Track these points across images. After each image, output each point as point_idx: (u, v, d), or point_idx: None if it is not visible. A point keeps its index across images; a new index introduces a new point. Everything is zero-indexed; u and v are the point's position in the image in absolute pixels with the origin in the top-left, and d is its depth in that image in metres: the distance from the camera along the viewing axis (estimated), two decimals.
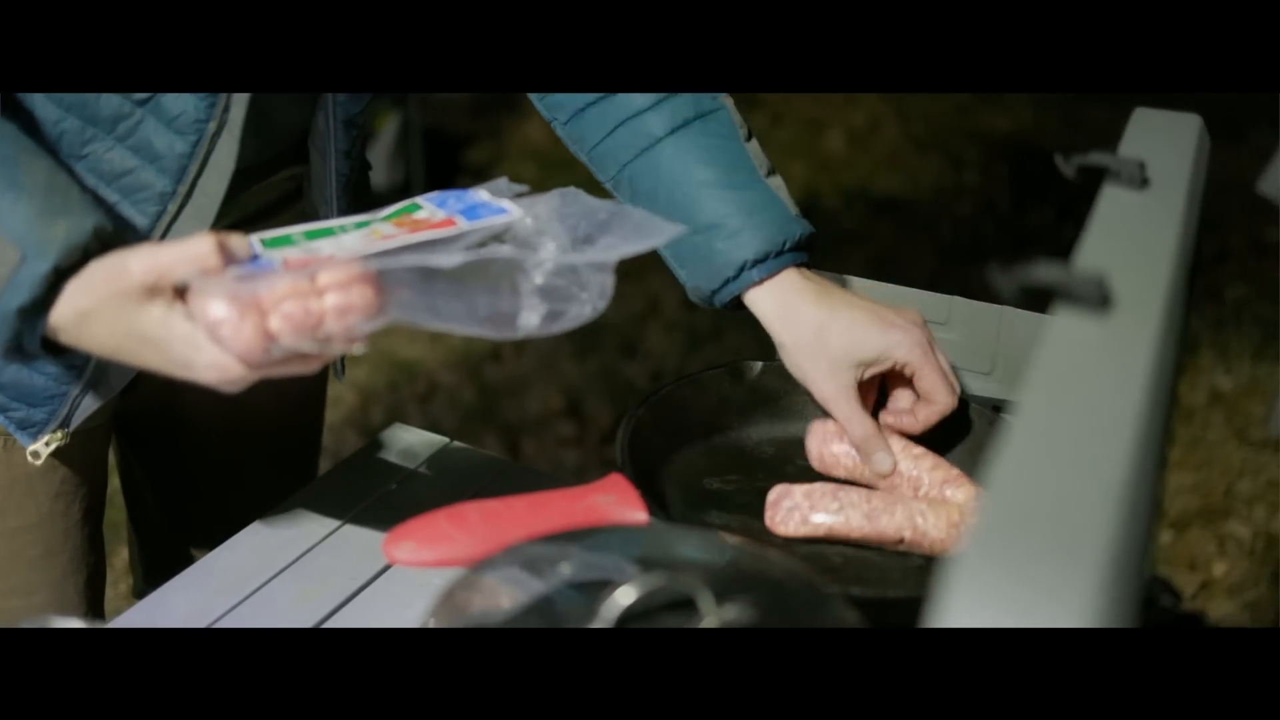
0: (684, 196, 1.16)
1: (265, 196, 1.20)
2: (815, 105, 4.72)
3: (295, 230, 0.96)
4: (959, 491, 1.10)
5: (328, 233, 0.96)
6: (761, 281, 1.16)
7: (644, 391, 3.07)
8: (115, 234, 0.92)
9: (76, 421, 1.15)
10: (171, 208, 1.05)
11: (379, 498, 1.34)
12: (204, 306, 0.86)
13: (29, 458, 1.14)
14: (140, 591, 1.50)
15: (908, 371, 1.14)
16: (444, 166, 4.02)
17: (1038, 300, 0.72)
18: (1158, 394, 0.61)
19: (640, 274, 3.52)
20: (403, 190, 3.72)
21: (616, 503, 1.00)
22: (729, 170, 1.16)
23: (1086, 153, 0.86)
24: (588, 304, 0.90)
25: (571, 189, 0.98)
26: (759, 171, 1.18)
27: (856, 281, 1.30)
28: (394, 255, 0.89)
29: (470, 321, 0.88)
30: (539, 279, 0.90)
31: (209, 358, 0.88)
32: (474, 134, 4.36)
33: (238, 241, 0.91)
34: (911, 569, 1.07)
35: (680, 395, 1.19)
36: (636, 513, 1.00)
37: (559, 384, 3.12)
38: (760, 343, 1.24)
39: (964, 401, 1.20)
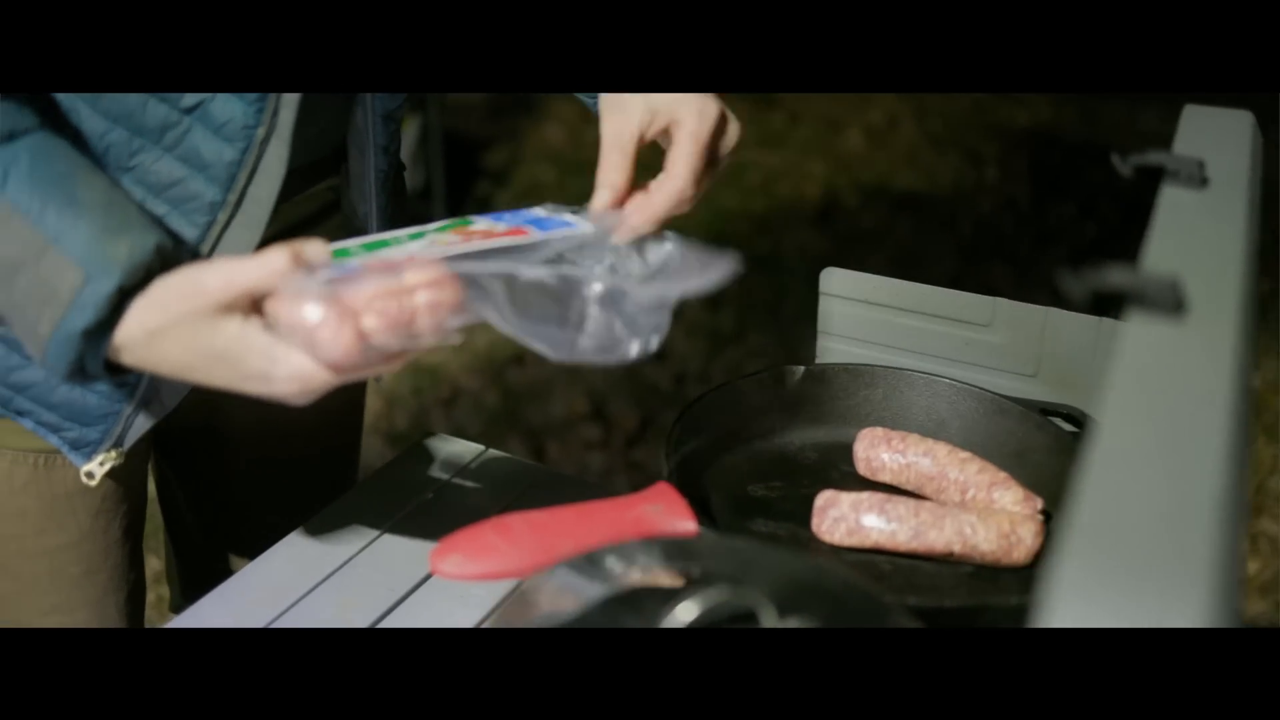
0: None
1: (305, 208, 1.19)
2: (832, 104, 4.70)
3: (352, 243, 0.96)
4: (1006, 494, 1.09)
5: (385, 244, 0.96)
6: None
7: (668, 394, 3.05)
8: (175, 250, 0.91)
9: (130, 440, 1.14)
10: (221, 217, 1.04)
11: (416, 507, 1.33)
12: (299, 311, 0.84)
13: (83, 478, 1.13)
14: (177, 605, 1.49)
15: (675, 135, 1.05)
16: (463, 170, 4.01)
17: (1102, 303, 0.70)
18: (1242, 393, 0.59)
19: None
20: (424, 194, 3.69)
21: (665, 512, 0.99)
22: None
23: (1144, 152, 0.84)
24: (641, 340, 0.90)
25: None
26: None
27: (886, 282, 1.29)
28: (474, 259, 0.89)
29: (534, 335, 0.88)
30: (601, 308, 0.89)
31: (288, 369, 0.87)
32: (492, 137, 4.35)
33: (315, 250, 0.89)
34: (963, 576, 1.05)
35: (722, 401, 1.18)
36: (685, 522, 0.98)
37: (582, 387, 3.11)
38: (785, 344, 1.22)
39: (1009, 403, 1.18)
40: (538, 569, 0.86)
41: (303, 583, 1.20)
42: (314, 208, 1.21)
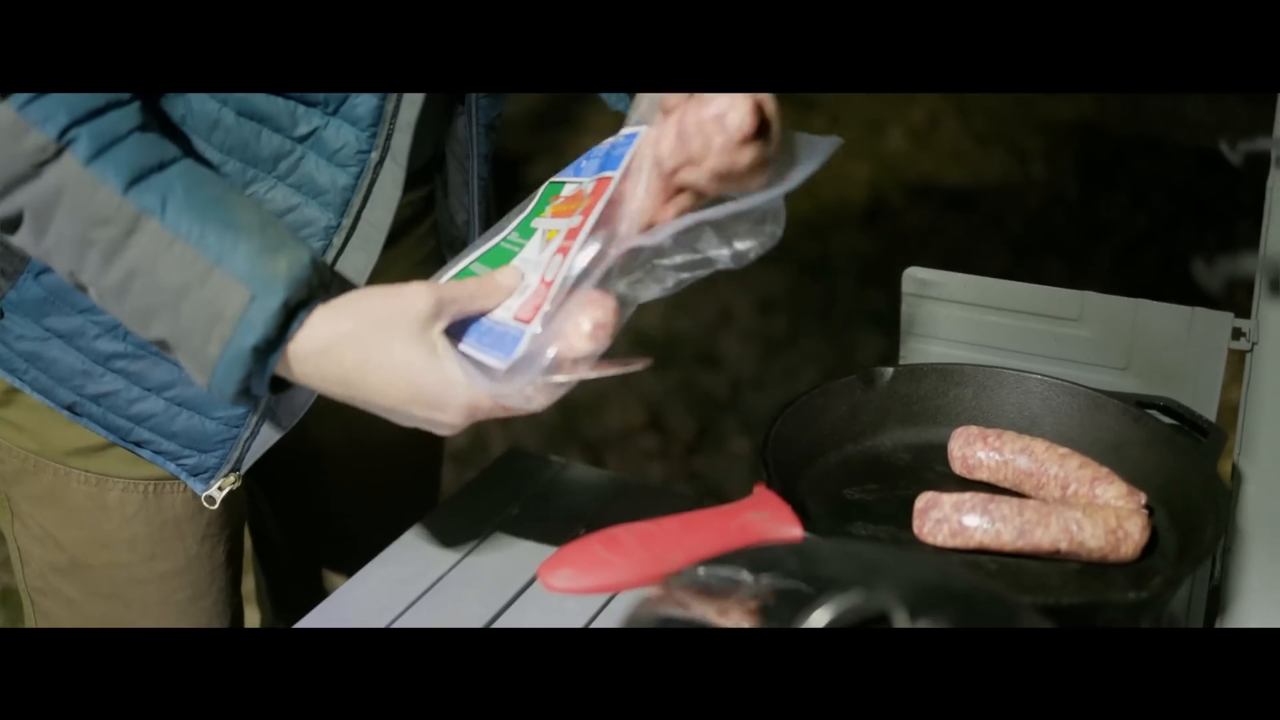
0: None
1: (396, 216, 1.20)
2: (873, 105, 4.68)
3: (467, 261, 1.00)
4: (1109, 489, 1.07)
5: (503, 255, 0.99)
6: None
7: (724, 402, 3.04)
8: (326, 265, 0.94)
9: (247, 464, 1.15)
10: (337, 241, 1.05)
11: (503, 523, 1.33)
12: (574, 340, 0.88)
13: (204, 502, 1.15)
14: (270, 626, 1.50)
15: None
16: (504, 184, 4.00)
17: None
18: None
19: (710, 283, 3.50)
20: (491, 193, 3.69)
21: (770, 519, 0.98)
22: None
23: (1253, 139, 0.83)
24: (771, 234, 0.93)
25: None
26: None
27: (970, 279, 1.28)
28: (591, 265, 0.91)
29: (690, 271, 0.93)
30: (727, 223, 0.92)
31: (463, 399, 0.90)
32: (532, 152, 4.35)
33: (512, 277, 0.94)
34: (1070, 573, 1.04)
35: (812, 406, 1.17)
36: (791, 528, 0.98)
37: (638, 397, 3.10)
38: (838, 347, 1.22)
39: (1103, 398, 1.17)
40: (648, 581, 0.85)
41: (399, 600, 1.20)
42: (401, 219, 1.22)
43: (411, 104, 1.01)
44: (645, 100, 1.01)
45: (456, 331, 0.94)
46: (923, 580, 0.78)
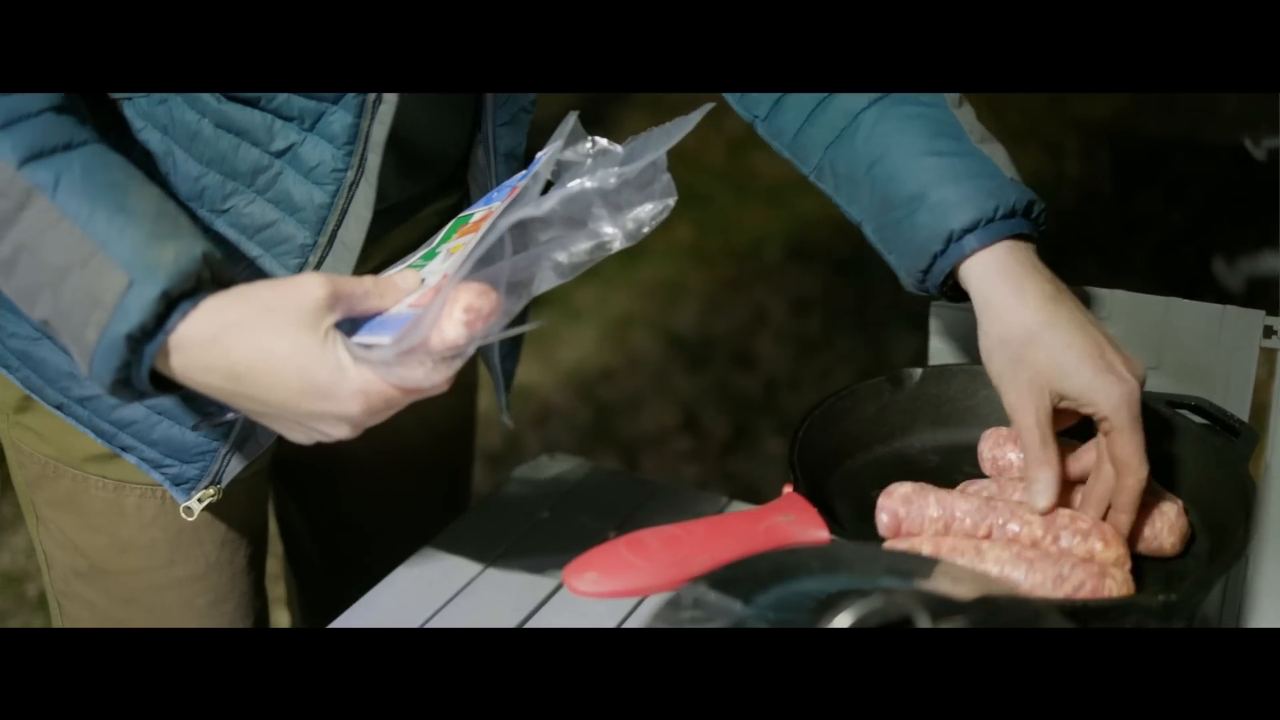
0: (885, 171, 1.07)
1: (412, 234, 1.20)
2: None
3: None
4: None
5: (415, 267, 0.99)
6: (974, 253, 1.03)
7: (758, 403, 3.04)
8: (223, 261, 0.91)
9: (227, 478, 1.15)
10: (312, 259, 1.05)
11: (533, 526, 1.33)
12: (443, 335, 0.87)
13: (182, 514, 1.15)
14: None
15: (1104, 428, 1.00)
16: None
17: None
18: None
19: (746, 284, 3.50)
20: None
21: (796, 522, 0.98)
22: (932, 136, 1.05)
23: (1276, 137, 0.82)
24: (661, 201, 0.92)
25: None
26: (969, 137, 1.06)
27: None
28: (486, 248, 0.90)
29: (585, 252, 0.91)
30: (611, 183, 0.91)
31: (355, 385, 0.88)
32: None
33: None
34: None
35: (840, 408, 1.16)
36: (818, 531, 0.98)
37: (673, 399, 3.11)
38: (873, 348, 1.21)
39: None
40: (673, 585, 0.85)
41: (428, 604, 1.21)
42: (422, 232, 1.22)
43: (382, 124, 1.00)
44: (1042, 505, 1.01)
45: (354, 328, 0.93)
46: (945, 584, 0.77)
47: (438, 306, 0.87)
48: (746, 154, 3.88)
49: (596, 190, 0.91)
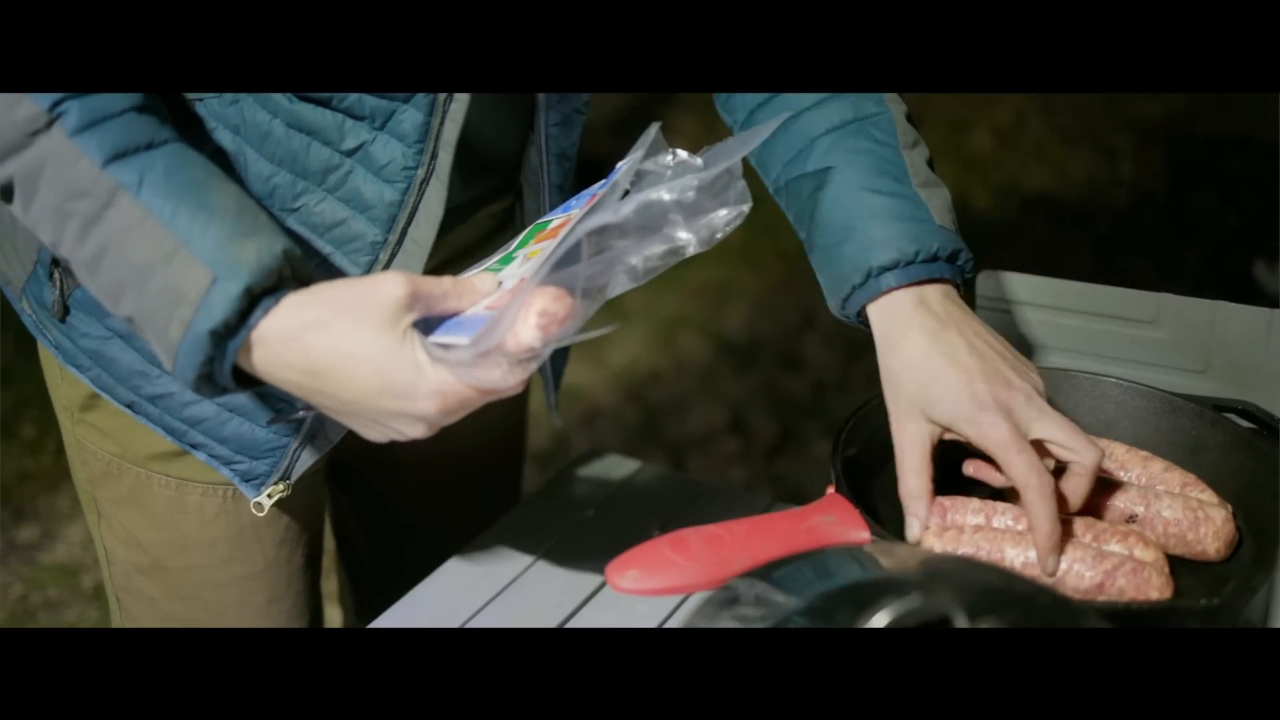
0: (825, 199, 1.10)
1: (468, 236, 1.21)
2: (957, 105, 4.64)
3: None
4: (1201, 496, 1.06)
5: (492, 270, 1.00)
6: (890, 291, 1.06)
7: (806, 404, 3.02)
8: (303, 258, 0.93)
9: (297, 473, 1.17)
10: (383, 256, 1.06)
11: (578, 524, 1.34)
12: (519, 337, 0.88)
13: (253, 509, 1.16)
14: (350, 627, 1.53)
15: (990, 454, 1.00)
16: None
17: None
18: None
19: (794, 285, 3.50)
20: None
21: (838, 523, 0.98)
22: (874, 174, 1.09)
23: None
24: (735, 207, 0.93)
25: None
26: (911, 180, 1.09)
27: (1044, 281, 1.26)
28: (563, 253, 0.91)
29: (659, 257, 0.92)
30: (689, 196, 0.92)
31: (432, 385, 0.88)
32: (616, 156, 4.38)
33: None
34: None
35: (883, 408, 1.16)
36: (859, 532, 0.98)
37: (720, 400, 3.11)
38: None
39: (1180, 401, 1.16)
40: (714, 583, 0.86)
41: (473, 601, 1.22)
42: (478, 234, 1.24)
43: (454, 122, 1.02)
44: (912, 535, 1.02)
45: (430, 328, 0.93)
46: (985, 584, 0.78)
47: (514, 309, 0.88)
48: None
49: (674, 201, 0.92)
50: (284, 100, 1.02)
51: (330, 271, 1.07)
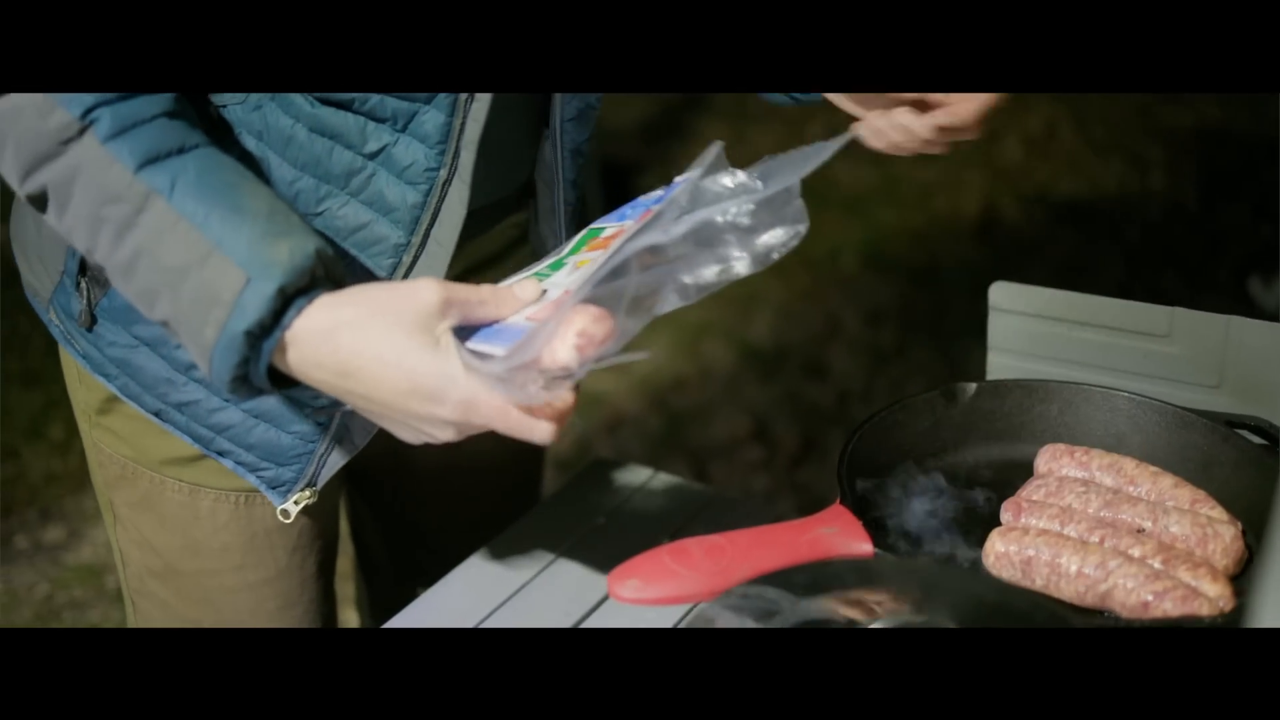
0: None
1: (490, 245, 1.22)
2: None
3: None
4: (1211, 513, 1.06)
5: (540, 276, 0.98)
6: None
7: (830, 414, 3.01)
8: (335, 259, 0.93)
9: (323, 479, 1.17)
10: (406, 259, 1.07)
11: (589, 531, 1.35)
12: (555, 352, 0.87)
13: (279, 515, 1.17)
14: None
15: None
16: (616, 196, 4.01)
17: None
18: None
19: (820, 294, 3.49)
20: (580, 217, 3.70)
21: (840, 535, 0.98)
22: None
23: None
24: (792, 227, 0.92)
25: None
26: None
27: (1057, 294, 1.26)
28: (615, 270, 0.90)
29: (712, 275, 0.91)
30: (745, 221, 0.91)
31: (462, 393, 0.88)
32: (644, 162, 4.38)
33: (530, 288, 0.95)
34: None
35: (893, 420, 1.17)
36: (861, 544, 0.98)
37: (744, 408, 3.11)
38: (948, 360, 1.19)
39: (1192, 416, 1.15)
40: (715, 593, 0.86)
41: (482, 607, 1.23)
42: (500, 244, 1.24)
43: (475, 122, 1.02)
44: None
45: (467, 335, 0.93)
46: (983, 599, 0.77)
47: (553, 325, 0.87)
48: (826, 163, 3.87)
49: (730, 224, 0.91)
50: (306, 104, 1.03)
51: (355, 275, 1.07)
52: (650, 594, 0.93)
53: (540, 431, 0.90)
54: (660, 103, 4.53)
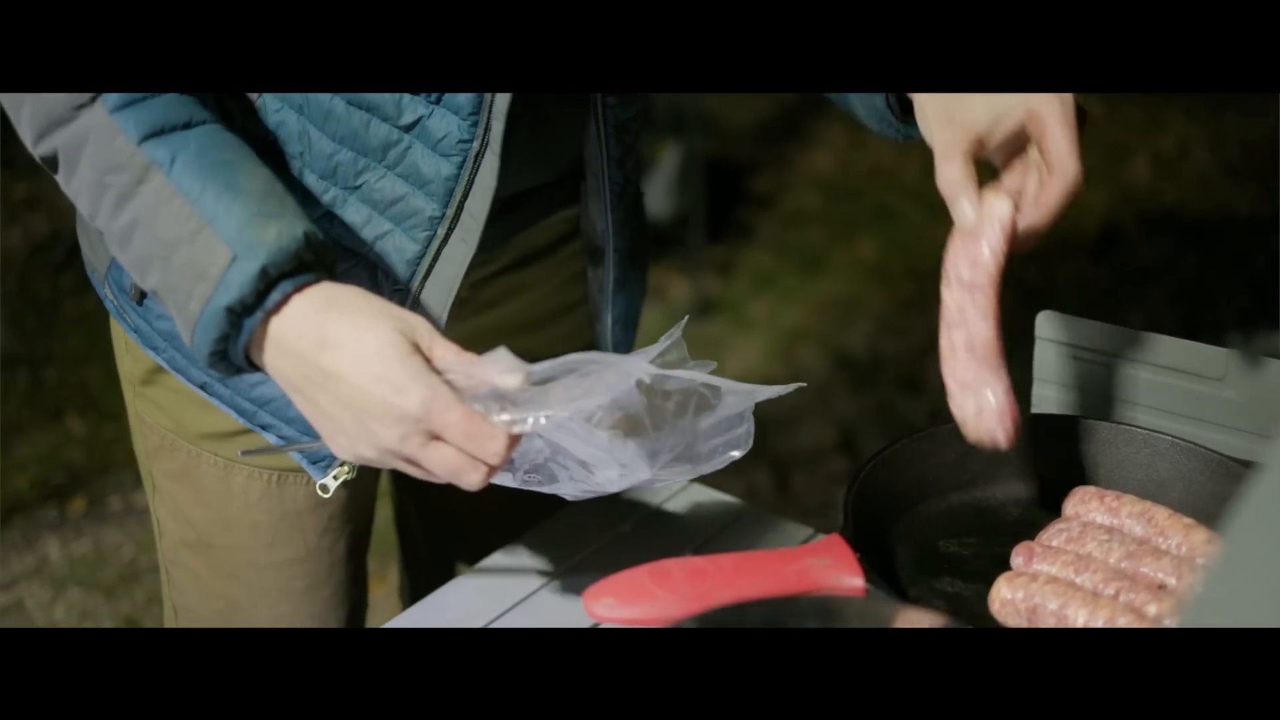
0: None
1: (538, 239, 1.21)
2: (1119, 130, 4.48)
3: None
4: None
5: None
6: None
7: (922, 429, 2.97)
8: (326, 244, 0.95)
9: None
10: (440, 231, 1.07)
11: (612, 539, 1.32)
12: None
13: (318, 491, 1.17)
14: None
15: (1034, 130, 0.99)
16: (726, 196, 3.99)
17: None
18: None
19: (925, 305, 3.42)
20: (683, 220, 3.66)
21: (831, 567, 0.94)
22: None
23: None
24: (736, 449, 1.01)
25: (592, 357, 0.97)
26: None
27: (1106, 328, 1.19)
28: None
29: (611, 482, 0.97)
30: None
31: (427, 389, 0.90)
32: (758, 163, 4.33)
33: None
34: None
35: (915, 450, 1.12)
36: (852, 579, 0.94)
37: (833, 418, 3.06)
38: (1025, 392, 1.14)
39: (1239, 466, 1.08)
40: (690, 616, 0.83)
41: (497, 605, 1.21)
42: (549, 238, 1.24)
43: (504, 93, 1.02)
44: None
45: None
46: None
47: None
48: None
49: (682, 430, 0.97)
50: None
51: (391, 247, 1.09)
52: (624, 614, 0.91)
53: (476, 473, 0.93)
54: (778, 103, 4.48)
